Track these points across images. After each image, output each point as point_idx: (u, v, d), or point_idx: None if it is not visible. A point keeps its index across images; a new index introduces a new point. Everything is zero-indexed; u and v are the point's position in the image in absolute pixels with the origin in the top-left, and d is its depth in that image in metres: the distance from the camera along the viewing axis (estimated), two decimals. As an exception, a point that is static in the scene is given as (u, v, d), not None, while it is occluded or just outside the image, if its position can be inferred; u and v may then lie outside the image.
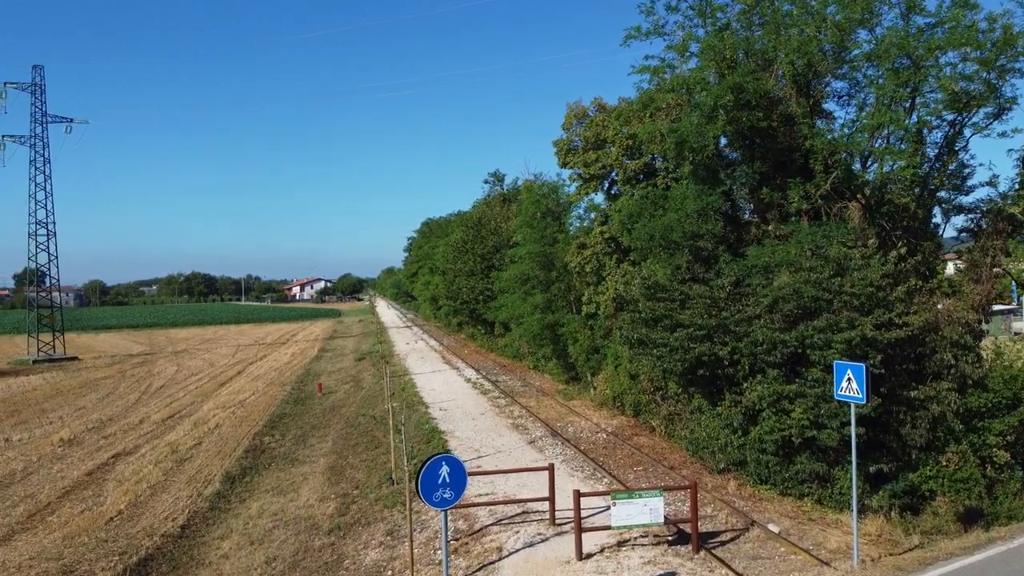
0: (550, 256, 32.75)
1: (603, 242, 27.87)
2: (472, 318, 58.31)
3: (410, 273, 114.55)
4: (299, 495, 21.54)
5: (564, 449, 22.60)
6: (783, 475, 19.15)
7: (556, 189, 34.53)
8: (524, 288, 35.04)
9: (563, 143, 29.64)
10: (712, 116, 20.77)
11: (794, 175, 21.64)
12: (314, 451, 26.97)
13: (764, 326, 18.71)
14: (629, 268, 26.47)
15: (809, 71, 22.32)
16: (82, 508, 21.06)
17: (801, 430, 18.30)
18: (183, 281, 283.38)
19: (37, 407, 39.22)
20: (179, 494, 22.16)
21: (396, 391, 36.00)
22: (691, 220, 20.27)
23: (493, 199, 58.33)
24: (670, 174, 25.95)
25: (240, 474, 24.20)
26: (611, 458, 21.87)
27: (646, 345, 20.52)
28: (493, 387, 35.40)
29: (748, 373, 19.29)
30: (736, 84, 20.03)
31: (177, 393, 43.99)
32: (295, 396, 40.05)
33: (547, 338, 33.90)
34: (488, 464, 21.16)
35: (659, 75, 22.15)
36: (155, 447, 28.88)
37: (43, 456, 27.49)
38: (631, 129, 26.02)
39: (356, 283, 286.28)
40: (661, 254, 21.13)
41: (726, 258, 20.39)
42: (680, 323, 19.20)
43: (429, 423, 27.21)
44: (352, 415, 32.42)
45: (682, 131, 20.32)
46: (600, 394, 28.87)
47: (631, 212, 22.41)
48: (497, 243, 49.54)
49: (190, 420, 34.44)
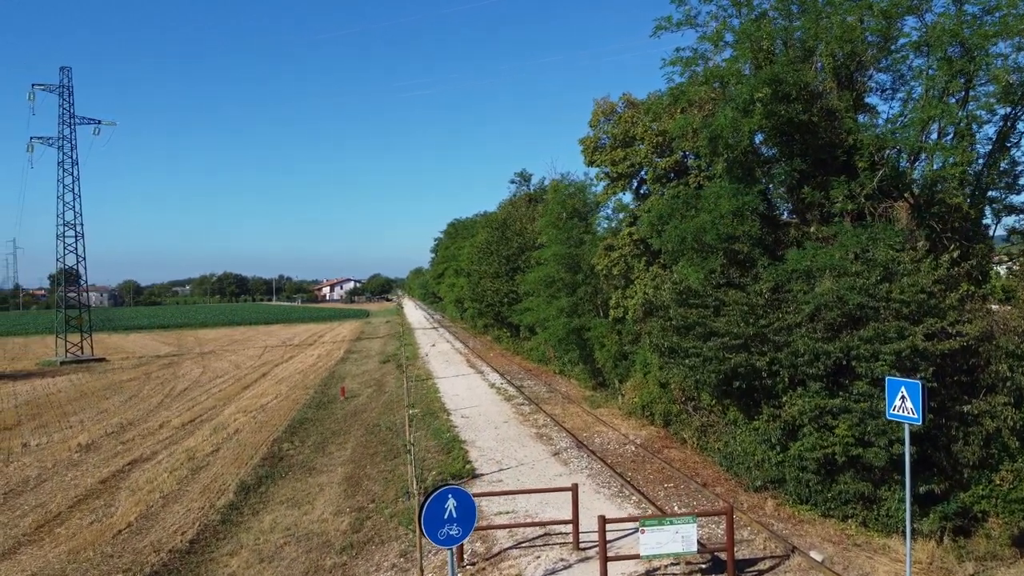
0: (576, 258, 31.60)
1: (631, 244, 26.66)
2: (497, 320, 57.31)
3: (436, 274, 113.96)
4: (314, 508, 20.69)
5: (590, 462, 21.47)
6: (825, 495, 17.85)
7: (583, 189, 33.37)
8: (549, 291, 33.92)
9: (590, 140, 28.46)
10: (748, 110, 19.51)
11: (836, 173, 20.30)
12: (332, 459, 26.14)
13: (805, 335, 17.40)
14: (659, 271, 25.24)
15: (852, 62, 21.00)
16: (91, 519, 20.40)
17: (845, 448, 16.98)
18: (215, 281, 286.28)
19: (59, 410, 38.98)
20: (191, 505, 21.43)
21: (418, 396, 35.15)
22: (726, 221, 19.02)
23: (519, 199, 57.27)
24: (702, 172, 24.66)
25: (255, 484, 23.43)
26: (640, 473, 20.70)
27: (677, 354, 19.30)
28: (517, 393, 34.35)
29: (788, 385, 18.00)
30: (774, 75, 18.76)
31: (200, 396, 43.58)
32: (317, 400, 39.38)
33: (573, 343, 32.76)
34: (510, 477, 20.12)
35: (691, 67, 20.95)
36: (172, 453, 28.28)
37: (59, 462, 27.00)
38: (661, 125, 24.79)
39: (385, 283, 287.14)
40: (693, 257, 19.89)
41: (764, 262, 19.10)
42: (714, 331, 17.96)
43: (450, 431, 26.24)
44: (372, 421, 31.58)
45: (716, 126, 19.09)
46: (628, 402, 27.67)
47: (661, 212, 21.19)
48: (522, 244, 48.47)
49: (210, 425, 33.86)
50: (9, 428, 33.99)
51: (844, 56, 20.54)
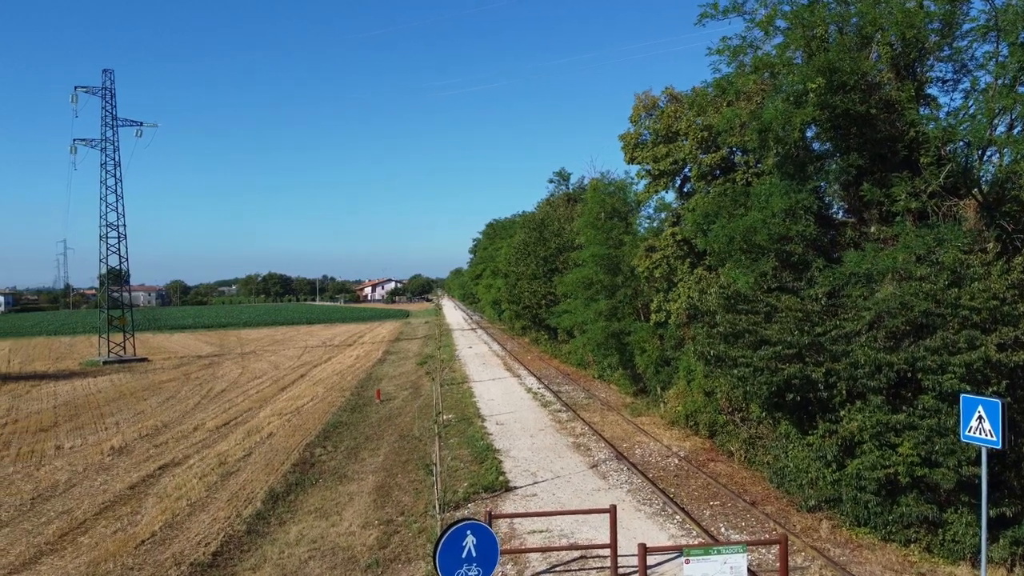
0: (616, 259, 30.39)
1: (674, 244, 25.38)
2: (534, 323, 56.28)
3: (474, 275, 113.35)
4: (342, 519, 19.91)
5: (630, 476, 20.31)
6: (885, 518, 16.48)
7: (623, 188, 32.14)
8: (587, 293, 32.77)
9: (630, 137, 27.24)
10: (800, 100, 18.22)
11: (896, 169, 18.86)
12: (364, 466, 25.40)
13: (865, 344, 16.05)
14: (704, 273, 23.98)
15: (911, 50, 19.53)
16: (116, 528, 19.89)
17: (910, 468, 15.62)
18: (260, 282, 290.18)
19: (96, 411, 39.03)
20: (217, 514, 20.82)
21: (453, 401, 34.33)
22: (777, 220, 17.72)
23: (557, 199, 56.18)
24: (750, 169, 23.34)
25: (284, 491, 22.77)
26: (683, 489, 19.48)
27: (724, 363, 18.07)
28: (555, 399, 33.27)
29: (846, 399, 16.66)
30: (829, 63, 17.43)
31: (237, 398, 43.37)
32: (353, 403, 38.82)
33: (612, 347, 31.57)
34: (545, 491, 19.10)
35: (739, 56, 19.68)
36: (204, 458, 27.84)
37: (90, 466, 26.72)
38: (707, 119, 23.52)
39: (426, 283, 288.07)
40: (742, 259, 18.62)
41: (819, 264, 17.75)
42: (766, 339, 16.69)
43: (484, 440, 25.29)
44: (406, 426, 30.82)
45: (766, 118, 17.82)
46: (671, 411, 26.41)
47: (707, 211, 19.94)
48: (560, 245, 47.36)
49: (244, 428, 33.46)
50: (45, 429, 34.00)
51: (902, 44, 19.13)
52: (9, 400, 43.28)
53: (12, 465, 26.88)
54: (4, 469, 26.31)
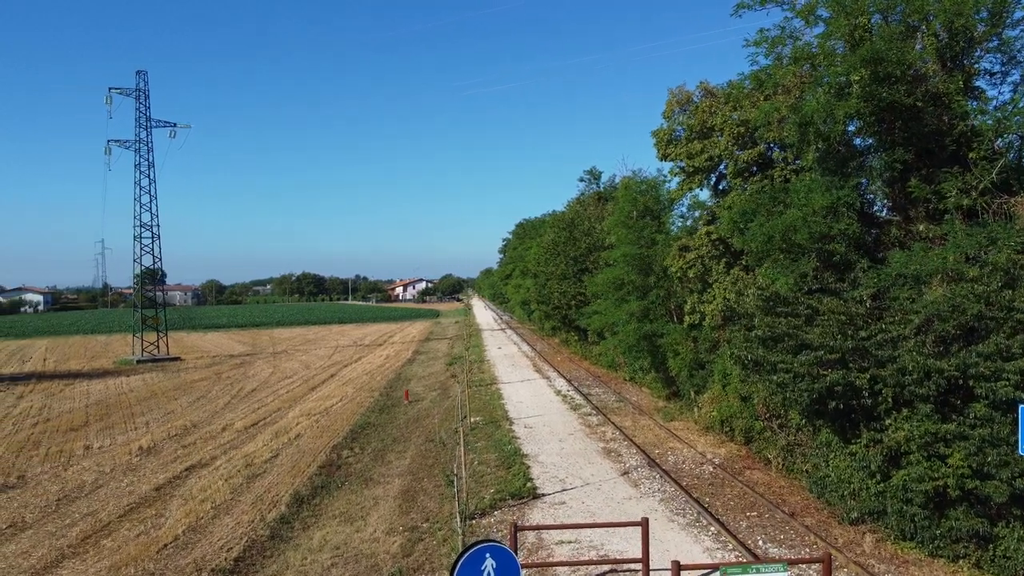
0: (648, 259, 29.59)
1: (709, 244, 24.55)
2: (564, 323, 55.55)
3: (504, 275, 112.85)
4: (366, 524, 19.48)
5: (663, 484, 19.59)
6: (933, 532, 15.56)
7: (655, 186, 31.32)
8: (618, 294, 32.00)
9: (663, 133, 26.44)
10: (843, 92, 17.37)
11: (944, 164, 17.93)
12: (390, 469, 24.99)
13: (913, 349, 15.17)
14: (740, 274, 23.14)
15: (959, 40, 18.57)
16: (139, 531, 19.70)
17: (960, 480, 14.71)
18: (294, 281, 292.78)
19: (127, 410, 39.22)
20: (241, 518, 20.53)
21: (482, 403, 33.83)
22: (818, 218, 16.89)
23: (587, 198, 55.35)
24: (789, 165, 22.46)
25: (310, 495, 22.43)
26: (718, 498, 18.71)
27: (762, 368, 17.26)
28: (585, 402, 32.59)
29: (891, 406, 15.77)
30: (875, 53, 16.56)
31: (266, 398, 43.36)
32: (381, 403, 38.52)
33: (644, 350, 30.76)
34: (574, 499, 18.47)
35: (778, 47, 18.86)
36: (231, 459, 27.68)
37: (117, 466, 26.68)
38: (743, 114, 22.68)
39: (456, 283, 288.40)
40: (781, 259, 17.81)
41: (863, 265, 16.88)
42: (807, 344, 15.86)
43: (512, 443, 24.72)
44: (434, 428, 30.38)
45: (807, 111, 17.00)
46: (705, 416, 25.59)
47: (744, 209, 19.12)
48: (591, 245, 46.58)
49: (272, 429, 33.31)
50: (76, 429, 34.19)
51: (949, 35, 18.21)
52: (42, 399, 43.75)
53: (40, 465, 26.96)
54: (32, 469, 26.39)
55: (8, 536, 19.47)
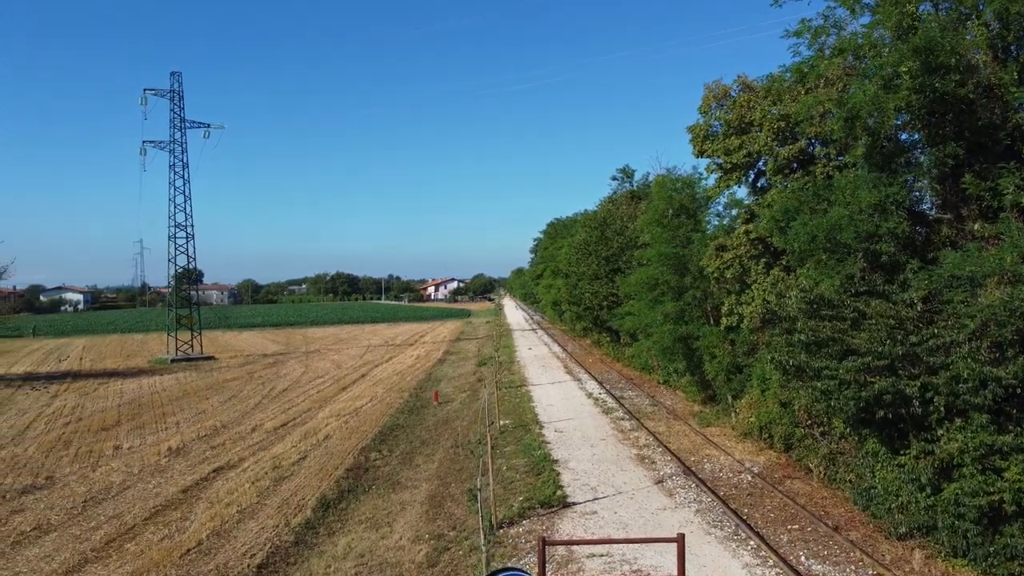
0: (683, 259, 28.71)
1: (748, 243, 23.63)
2: (596, 324, 54.70)
3: (535, 275, 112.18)
4: (392, 531, 19.03)
5: (699, 494, 18.81)
6: (986, 549, 14.62)
7: (691, 183, 30.42)
8: (652, 295, 31.15)
9: (700, 128, 25.56)
10: (892, 84, 16.43)
11: (998, 159, 16.90)
12: (418, 472, 24.56)
13: (968, 356, 14.24)
14: (780, 274, 22.24)
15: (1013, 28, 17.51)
16: (163, 535, 19.46)
17: (1016, 495, 13.78)
18: (328, 281, 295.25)
19: (159, 410, 39.38)
20: (266, 522, 20.21)
21: (511, 405, 33.25)
22: (865, 217, 15.98)
23: (620, 197, 54.42)
24: (831, 162, 21.50)
25: (336, 499, 22.10)
26: (758, 510, 17.88)
27: (805, 374, 16.41)
28: (617, 405, 31.83)
29: (944, 416, 14.84)
30: (928, 41, 15.62)
31: (297, 398, 43.31)
32: (411, 404, 38.21)
33: (680, 352, 29.89)
34: (605, 510, 17.78)
35: (821, 37, 17.97)
36: (258, 460, 27.48)
37: (145, 467, 26.61)
38: (784, 108, 21.77)
39: (487, 283, 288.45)
40: (825, 259, 16.92)
41: (914, 266, 15.94)
42: (853, 349, 15.00)
43: (541, 448, 24.09)
44: (463, 430, 29.90)
45: (854, 103, 16.10)
46: (743, 422, 24.70)
47: (787, 207, 18.22)
48: (623, 244, 45.69)
49: (301, 430, 33.13)
50: (107, 428, 34.33)
51: (1000, 24, 17.18)
52: (76, 398, 44.20)
53: (69, 465, 26.99)
54: (61, 469, 26.43)
55: (32, 539, 19.36)
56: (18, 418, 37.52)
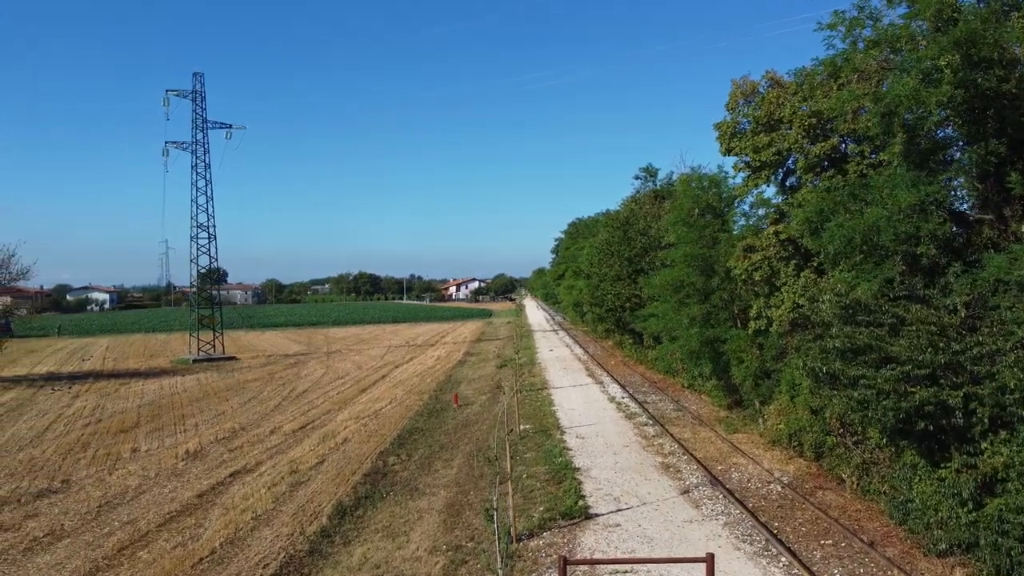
0: (710, 260, 27.89)
1: (777, 244, 22.80)
2: (618, 326, 53.88)
3: (556, 275, 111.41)
4: (409, 540, 18.51)
5: (727, 506, 18.09)
6: (1034, 568, 13.81)
7: (717, 182, 29.59)
8: (677, 297, 30.34)
9: (727, 125, 24.76)
10: (932, 78, 15.64)
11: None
12: (437, 478, 24.04)
13: (1015, 365, 13.43)
14: (811, 277, 21.42)
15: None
16: (176, 543, 19.09)
17: (1066, 513, 12.97)
18: (351, 281, 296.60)
19: (178, 411, 39.23)
20: (281, 530, 19.78)
21: (532, 409, 32.65)
22: (904, 217, 15.19)
23: (643, 196, 53.55)
24: (864, 160, 20.65)
25: (353, 505, 21.63)
26: (789, 523, 17.13)
27: (839, 382, 15.65)
28: (640, 410, 31.10)
29: (988, 428, 14.04)
30: (970, 33, 14.82)
31: (317, 400, 43.03)
32: (431, 407, 37.74)
33: (706, 356, 29.09)
34: (629, 522, 17.13)
35: (856, 29, 17.19)
36: (276, 464, 27.13)
37: (162, 471, 26.34)
38: (815, 105, 20.95)
39: (509, 283, 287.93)
40: (861, 262, 16.14)
41: (956, 269, 15.13)
42: (892, 357, 14.22)
43: (563, 456, 23.46)
44: (482, 435, 29.33)
45: (892, 98, 15.32)
46: (771, 429, 23.90)
47: (821, 208, 17.43)
48: (646, 244, 44.86)
49: (320, 432, 32.78)
50: (126, 431, 34.19)
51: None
52: (97, 399, 44.23)
53: (86, 468, 26.80)
54: (78, 473, 26.23)
55: (44, 545, 19.08)
56: (38, 419, 37.55)
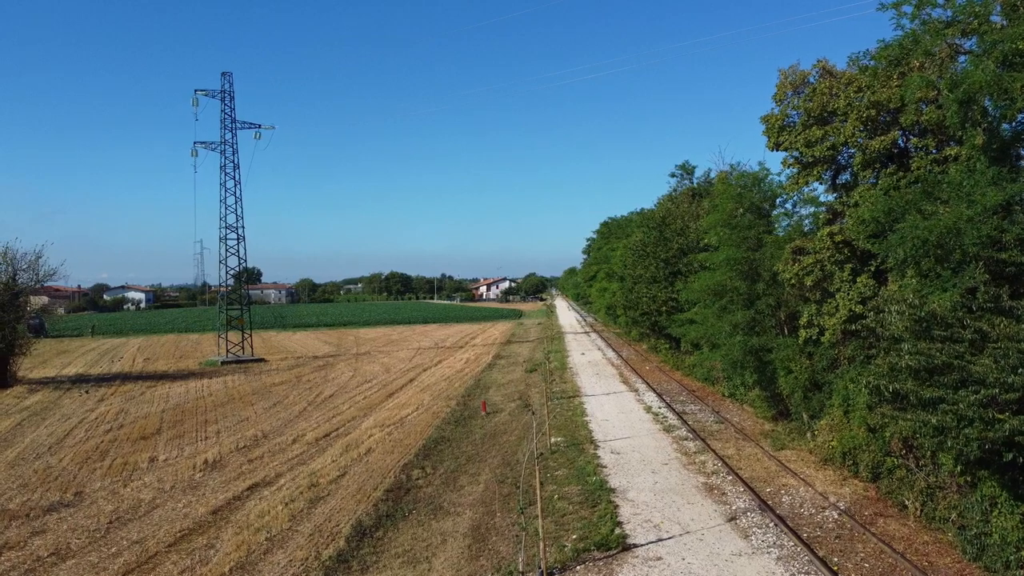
0: (755, 264, 26.07)
1: (832, 247, 20.93)
2: (653, 330, 52.01)
3: (588, 276, 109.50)
4: (431, 568, 17.13)
5: (779, 536, 16.38)
6: None
7: (760, 180, 27.76)
8: (720, 302, 28.52)
9: (775, 118, 22.95)
10: (1014, 62, 13.84)
11: None
12: (462, 495, 22.65)
13: (1124, 388, 11.62)
14: (869, 282, 19.60)
15: None
16: (184, 566, 17.89)
17: None
18: (383, 280, 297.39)
19: (201, 417, 38.34)
20: (295, 554, 18.50)
21: (563, 420, 31.10)
22: (987, 219, 13.40)
23: (680, 195, 51.61)
24: (929, 155, 18.77)
25: (373, 525, 20.31)
26: (849, 557, 15.39)
27: (907, 402, 13.90)
28: (679, 421, 29.36)
29: (1088, 460, 12.25)
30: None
31: (342, 405, 41.93)
32: (458, 414, 36.36)
33: (750, 365, 27.26)
34: (671, 555, 15.53)
35: (926, 8, 15.40)
36: (295, 477, 25.93)
37: (178, 483, 25.28)
38: (874, 95, 19.11)
39: (540, 283, 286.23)
40: (933, 268, 14.36)
41: (1049, 277, 13.31)
42: (974, 378, 12.47)
43: (597, 474, 21.89)
44: (511, 447, 27.89)
45: (971, 83, 13.53)
46: (823, 446, 22.08)
47: (888, 208, 15.65)
48: (683, 246, 43.02)
49: (343, 442, 31.57)
50: (146, 437, 33.31)
51: None
52: (121, 403, 43.58)
53: (101, 480, 25.84)
54: (92, 484, 25.27)
55: (48, 566, 18.03)
56: (60, 424, 36.90)
